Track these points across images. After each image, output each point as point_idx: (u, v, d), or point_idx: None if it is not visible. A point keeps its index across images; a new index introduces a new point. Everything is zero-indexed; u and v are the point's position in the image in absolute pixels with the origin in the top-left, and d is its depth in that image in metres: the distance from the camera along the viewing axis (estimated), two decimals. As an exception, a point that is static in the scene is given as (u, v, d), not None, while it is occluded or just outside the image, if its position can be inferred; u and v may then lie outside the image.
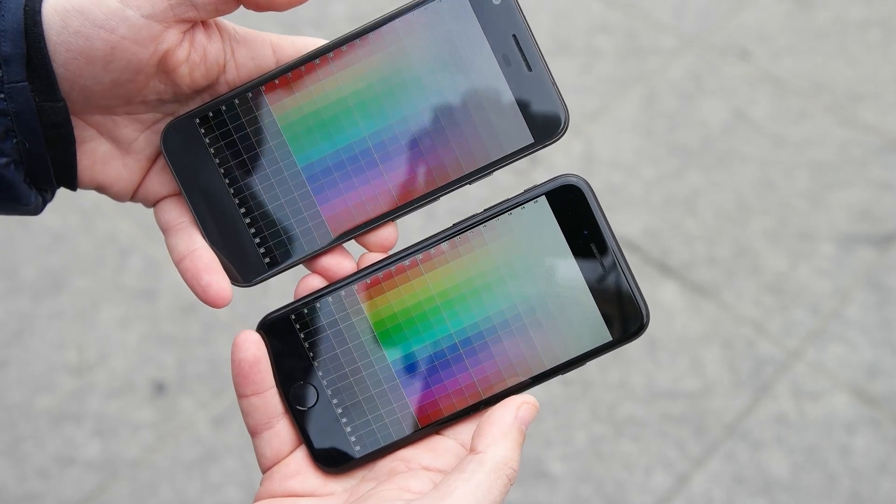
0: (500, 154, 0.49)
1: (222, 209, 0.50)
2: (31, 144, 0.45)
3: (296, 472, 0.48)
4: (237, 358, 0.48)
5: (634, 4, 2.04)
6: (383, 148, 0.49)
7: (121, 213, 1.73)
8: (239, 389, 0.49)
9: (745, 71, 1.90)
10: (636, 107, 1.85)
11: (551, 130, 0.49)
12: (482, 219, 0.49)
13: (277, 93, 0.49)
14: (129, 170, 0.50)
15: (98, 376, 1.51)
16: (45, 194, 0.49)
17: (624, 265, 0.48)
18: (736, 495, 1.34)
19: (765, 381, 1.45)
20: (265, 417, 0.49)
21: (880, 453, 1.36)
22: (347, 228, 0.50)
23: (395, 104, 0.49)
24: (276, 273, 0.51)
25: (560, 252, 0.48)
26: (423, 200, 0.50)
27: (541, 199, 0.48)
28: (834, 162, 1.73)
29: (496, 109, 0.49)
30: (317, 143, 0.50)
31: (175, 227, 0.51)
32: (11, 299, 1.62)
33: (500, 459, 0.43)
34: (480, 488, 0.42)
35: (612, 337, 0.48)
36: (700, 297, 1.55)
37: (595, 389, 1.46)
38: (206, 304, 0.49)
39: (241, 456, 1.41)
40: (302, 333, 0.49)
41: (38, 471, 1.41)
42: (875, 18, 1.99)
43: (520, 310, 0.49)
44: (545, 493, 1.36)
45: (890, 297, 1.53)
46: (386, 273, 0.49)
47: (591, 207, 0.48)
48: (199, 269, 0.49)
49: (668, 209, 1.67)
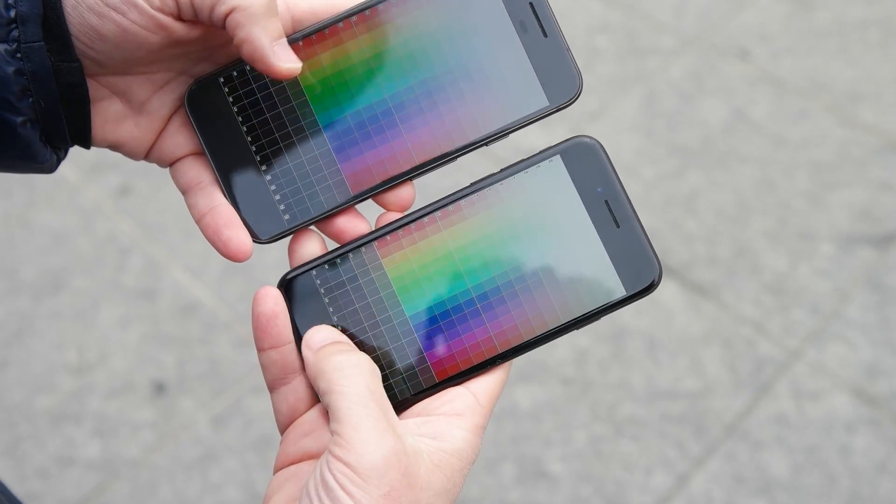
0: (517, 116, 0.51)
1: (244, 167, 0.51)
2: (46, 104, 0.46)
3: (311, 430, 0.49)
4: (256, 312, 0.49)
5: (634, 4, 2.04)
6: (403, 108, 0.51)
7: (121, 213, 1.73)
8: (258, 343, 0.50)
9: (745, 71, 1.90)
10: (636, 107, 1.85)
11: (566, 93, 0.51)
12: (499, 178, 0.50)
13: (301, 53, 0.50)
14: (141, 129, 0.51)
15: (98, 376, 1.51)
16: (59, 152, 0.49)
17: (636, 221, 0.50)
18: (736, 495, 1.34)
19: (765, 381, 1.45)
20: (282, 372, 0.50)
21: (880, 453, 1.36)
22: (367, 187, 0.51)
23: (416, 65, 0.51)
24: (295, 229, 0.52)
25: (575, 209, 0.50)
26: (440, 160, 0.51)
27: (555, 157, 0.50)
28: (834, 162, 1.73)
29: (514, 73, 0.51)
30: (338, 103, 0.51)
31: (195, 186, 0.52)
32: (11, 299, 1.62)
33: (333, 381, 0.46)
34: (350, 405, 0.45)
35: (626, 292, 0.50)
36: (700, 297, 1.55)
37: (595, 389, 1.46)
38: (227, 258, 0.50)
39: (241, 456, 1.41)
40: (322, 289, 0.51)
41: (38, 471, 1.41)
42: (875, 18, 1.99)
43: (535, 265, 0.50)
44: (545, 493, 1.36)
45: (890, 297, 1.53)
46: (405, 230, 0.50)
47: (605, 165, 0.50)
48: (220, 224, 0.50)
49: (668, 209, 1.67)
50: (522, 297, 0.50)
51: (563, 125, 1.82)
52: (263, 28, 0.45)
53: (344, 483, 0.42)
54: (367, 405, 0.44)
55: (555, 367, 1.48)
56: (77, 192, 1.78)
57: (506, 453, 1.40)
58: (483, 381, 0.49)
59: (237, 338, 1.55)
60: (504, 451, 1.40)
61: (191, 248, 1.67)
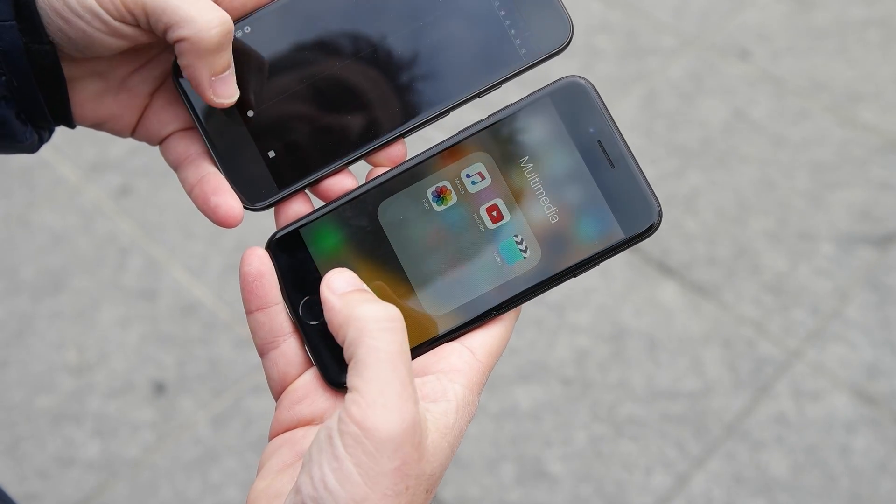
0: (512, 65, 0.50)
1: (233, 136, 0.51)
2: (19, 82, 0.47)
3: (304, 395, 0.48)
4: (242, 272, 0.48)
5: (634, 4, 2.04)
6: (390, 67, 0.50)
7: (121, 213, 1.73)
8: (245, 305, 0.49)
9: (745, 71, 1.90)
10: (636, 107, 1.85)
11: (558, 41, 0.50)
12: (488, 124, 0.49)
13: (278, 19, 0.50)
14: (123, 105, 0.51)
15: (98, 376, 1.51)
16: (42, 132, 0.50)
17: (633, 161, 0.47)
18: (736, 495, 1.34)
19: (765, 381, 1.45)
20: (270, 335, 0.48)
21: (880, 453, 1.36)
22: (358, 149, 0.50)
23: (399, 23, 0.50)
24: (287, 194, 0.51)
25: (568, 151, 0.48)
26: (432, 117, 0.50)
27: (544, 99, 0.48)
28: (834, 162, 1.73)
29: (504, 25, 0.50)
30: (325, 63, 0.50)
31: (185, 160, 0.51)
32: (11, 299, 1.62)
33: (361, 328, 0.43)
34: (376, 360, 0.42)
35: (624, 235, 0.47)
36: (700, 297, 1.55)
37: (595, 389, 1.46)
38: (217, 224, 0.49)
39: (241, 456, 1.41)
40: (311, 247, 0.49)
41: (38, 471, 1.41)
42: (875, 18, 1.99)
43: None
44: (545, 493, 1.36)
45: (890, 297, 1.53)
46: (395, 180, 0.49)
47: (596, 105, 0.48)
48: (207, 192, 0.49)
49: (668, 209, 1.67)
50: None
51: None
52: (207, 63, 0.46)
53: (354, 451, 0.40)
54: (398, 368, 0.41)
55: (555, 368, 1.48)
56: (77, 192, 1.78)
57: (506, 453, 1.40)
58: (480, 336, 0.48)
59: (237, 338, 1.55)
60: (504, 451, 1.40)
61: (191, 248, 1.67)
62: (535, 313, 1.53)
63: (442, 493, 1.36)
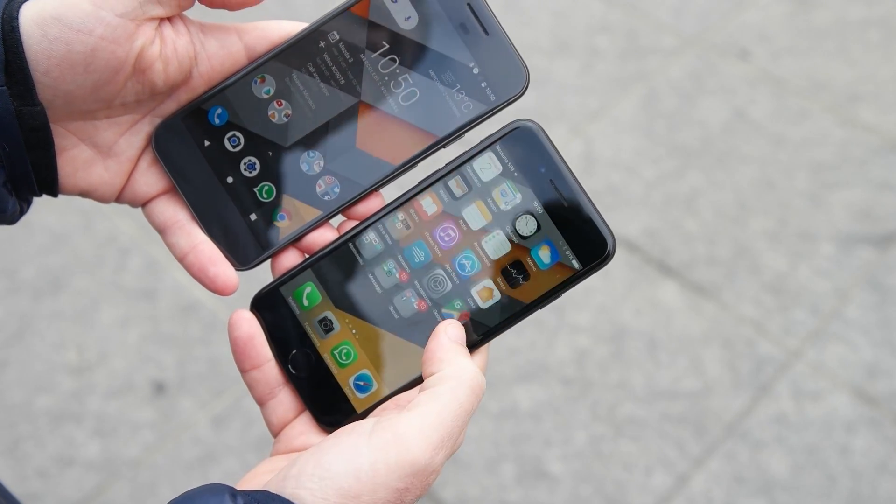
0: (469, 116, 0.52)
1: (217, 201, 0.53)
2: (10, 148, 0.46)
3: (300, 433, 0.51)
4: (233, 337, 0.51)
5: (634, 4, 2.04)
6: (364, 126, 0.52)
7: (121, 213, 1.73)
8: (239, 366, 0.52)
9: (745, 71, 1.90)
10: (636, 107, 1.85)
11: (513, 88, 0.51)
12: (444, 173, 0.51)
13: (256, 85, 0.52)
14: (111, 173, 0.51)
15: (98, 376, 1.51)
16: (23, 204, 0.50)
17: (583, 195, 0.50)
18: (736, 495, 1.34)
19: (765, 381, 1.45)
20: (267, 388, 0.51)
21: (880, 453, 1.36)
22: (336, 205, 0.52)
23: (370, 83, 0.52)
24: (273, 253, 0.53)
25: (524, 194, 0.50)
26: (404, 167, 0.52)
27: (495, 146, 0.50)
28: (834, 162, 1.73)
29: (461, 75, 0.51)
30: (303, 128, 0.52)
31: (172, 225, 0.52)
32: (11, 299, 1.62)
33: (456, 372, 0.46)
34: (452, 401, 0.45)
35: (579, 267, 0.51)
36: (700, 297, 1.55)
37: (595, 389, 1.46)
38: (215, 293, 0.52)
39: (241, 456, 1.41)
40: (292, 302, 0.52)
41: (38, 471, 1.41)
42: (875, 18, 1.99)
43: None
44: (545, 493, 1.36)
45: (890, 297, 1.53)
46: (369, 230, 0.52)
47: (545, 146, 0.50)
48: (204, 262, 0.51)
49: (667, 209, 1.67)
50: None
51: (561, 125, 1.82)
52: None
53: (377, 452, 0.42)
54: (457, 422, 0.44)
55: (555, 368, 1.48)
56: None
57: (506, 453, 1.40)
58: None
59: (237, 338, 1.55)
60: (504, 451, 1.40)
61: (191, 248, 1.67)
62: (535, 313, 1.53)
63: (442, 493, 1.36)
